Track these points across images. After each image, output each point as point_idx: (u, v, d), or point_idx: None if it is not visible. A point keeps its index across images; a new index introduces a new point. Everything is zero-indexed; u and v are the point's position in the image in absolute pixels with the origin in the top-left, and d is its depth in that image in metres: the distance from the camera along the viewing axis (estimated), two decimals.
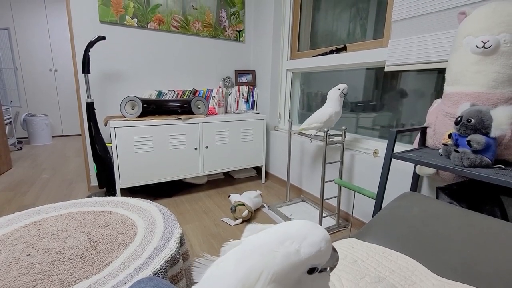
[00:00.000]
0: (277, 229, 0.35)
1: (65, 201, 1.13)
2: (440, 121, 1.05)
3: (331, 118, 1.59)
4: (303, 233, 0.33)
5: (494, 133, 0.82)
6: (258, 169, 2.61)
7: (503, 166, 0.85)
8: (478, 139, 0.83)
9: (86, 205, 1.10)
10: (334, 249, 0.37)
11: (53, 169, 2.68)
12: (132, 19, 2.01)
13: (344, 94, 1.58)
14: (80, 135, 4.38)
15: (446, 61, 1.06)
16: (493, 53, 0.88)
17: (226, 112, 2.43)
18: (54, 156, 3.18)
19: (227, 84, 2.46)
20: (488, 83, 0.90)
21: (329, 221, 1.71)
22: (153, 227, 0.93)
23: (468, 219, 0.69)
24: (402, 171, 1.36)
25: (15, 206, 1.84)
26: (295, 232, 0.34)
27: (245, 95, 2.49)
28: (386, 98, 1.70)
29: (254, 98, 2.54)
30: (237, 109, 2.47)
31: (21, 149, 3.46)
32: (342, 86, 1.58)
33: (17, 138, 3.63)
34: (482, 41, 0.89)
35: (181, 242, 0.91)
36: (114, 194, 1.87)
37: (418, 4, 1.27)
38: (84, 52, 1.73)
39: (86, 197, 1.89)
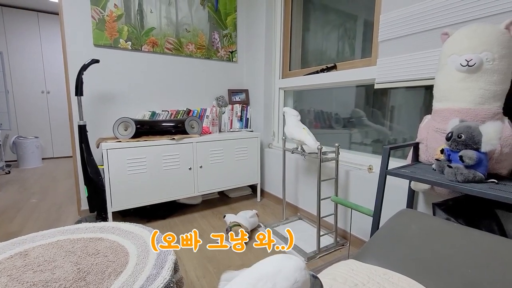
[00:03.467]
0: (249, 271, 0.33)
1: (53, 228, 1.09)
2: (431, 136, 1.07)
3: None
4: (276, 269, 0.32)
5: (484, 148, 0.84)
6: (253, 188, 2.58)
7: (496, 181, 0.85)
8: (469, 154, 0.84)
9: (76, 232, 1.06)
10: (314, 276, 0.34)
11: (42, 193, 2.60)
12: (126, 42, 2.04)
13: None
14: (71, 156, 4.31)
15: (433, 78, 1.10)
16: (477, 71, 0.92)
17: (220, 131, 2.44)
18: (43, 179, 3.10)
19: (221, 103, 2.48)
20: (475, 99, 0.92)
21: (327, 240, 1.67)
22: (146, 254, 0.90)
23: (467, 237, 0.69)
24: (397, 187, 1.36)
25: (0, 233, 1.76)
26: (267, 270, 0.32)
27: (239, 114, 2.50)
28: (377, 113, 1.73)
29: (247, 117, 2.56)
30: (231, 128, 2.48)
31: (9, 172, 3.36)
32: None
33: (5, 161, 3.54)
34: (466, 60, 0.93)
35: (175, 269, 0.87)
36: (105, 218, 1.81)
37: (402, 25, 1.33)
38: (78, 75, 1.73)
39: (76, 222, 1.83)
